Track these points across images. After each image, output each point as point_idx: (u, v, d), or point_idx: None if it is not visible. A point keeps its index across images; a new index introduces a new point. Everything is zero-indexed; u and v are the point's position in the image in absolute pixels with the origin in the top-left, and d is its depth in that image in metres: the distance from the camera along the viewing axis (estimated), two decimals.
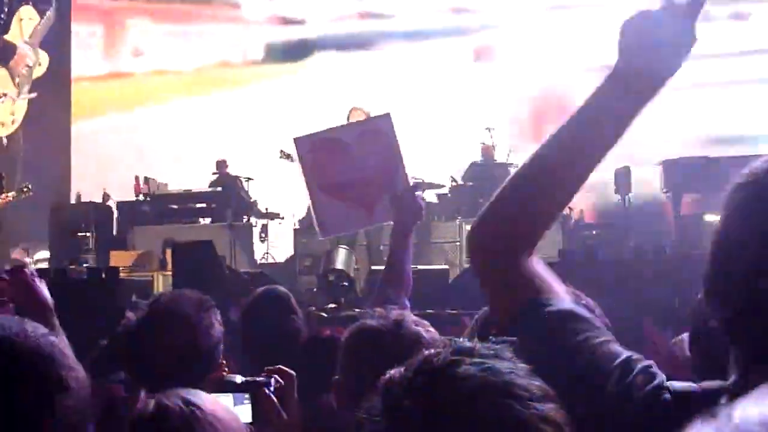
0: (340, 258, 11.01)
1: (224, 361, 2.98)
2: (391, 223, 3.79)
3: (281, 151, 11.66)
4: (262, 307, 3.96)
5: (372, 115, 9.14)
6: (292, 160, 10.08)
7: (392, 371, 1.33)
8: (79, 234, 13.65)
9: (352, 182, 3.89)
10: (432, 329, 2.57)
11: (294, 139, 4.00)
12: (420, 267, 9.67)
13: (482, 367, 1.29)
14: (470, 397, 1.25)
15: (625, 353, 1.52)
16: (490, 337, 1.44)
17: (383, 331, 2.49)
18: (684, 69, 1.59)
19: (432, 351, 1.34)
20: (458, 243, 12.53)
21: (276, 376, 2.76)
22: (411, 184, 3.92)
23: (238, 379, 2.75)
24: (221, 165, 14.45)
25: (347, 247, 11.18)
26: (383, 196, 3.83)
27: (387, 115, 3.90)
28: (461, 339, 1.38)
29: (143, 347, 2.89)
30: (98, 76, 17.87)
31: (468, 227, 11.13)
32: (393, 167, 3.82)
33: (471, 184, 13.20)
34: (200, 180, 14.48)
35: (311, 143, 3.96)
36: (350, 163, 3.90)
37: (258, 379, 2.75)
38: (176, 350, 2.85)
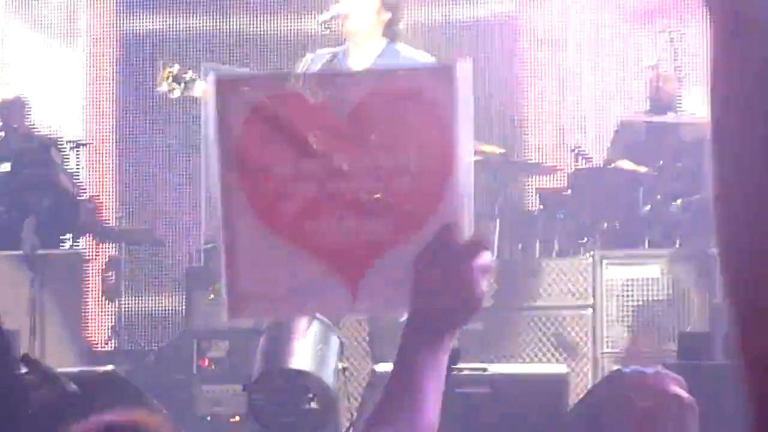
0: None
1: None
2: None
3: None
4: None
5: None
6: None
7: None
8: None
9: (325, 208, 2.31)
10: None
11: (214, 79, 2.29)
12: (499, 369, 6.30)
13: None
14: None
15: None
16: None
17: None
18: None
19: None
20: (590, 310, 7.52)
21: None
22: (471, 233, 2.22)
23: None
24: (11, 110, 10.48)
25: (325, 319, 6.93)
26: (391, 253, 2.25)
27: (449, 66, 2.16)
28: None
29: None
30: None
31: (615, 272, 8.08)
32: (436, 185, 2.25)
33: (626, 166, 8.37)
34: None
35: (252, 101, 2.25)
36: (334, 162, 2.31)
37: None
38: None
